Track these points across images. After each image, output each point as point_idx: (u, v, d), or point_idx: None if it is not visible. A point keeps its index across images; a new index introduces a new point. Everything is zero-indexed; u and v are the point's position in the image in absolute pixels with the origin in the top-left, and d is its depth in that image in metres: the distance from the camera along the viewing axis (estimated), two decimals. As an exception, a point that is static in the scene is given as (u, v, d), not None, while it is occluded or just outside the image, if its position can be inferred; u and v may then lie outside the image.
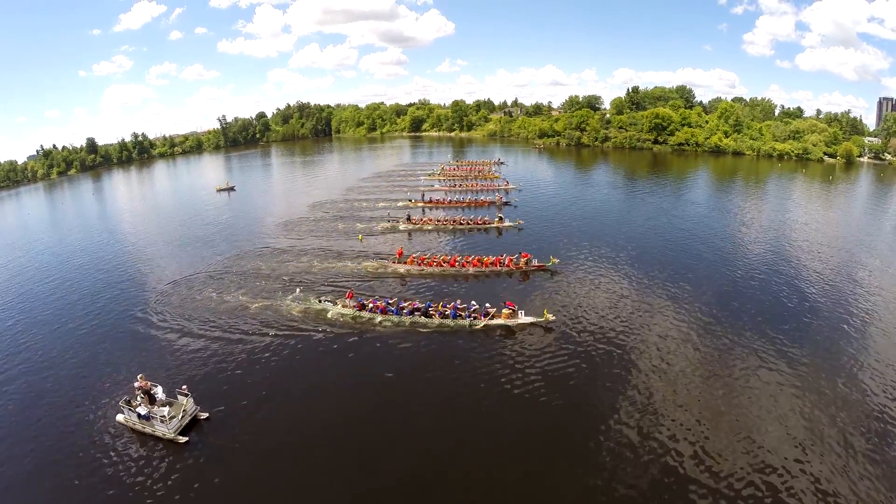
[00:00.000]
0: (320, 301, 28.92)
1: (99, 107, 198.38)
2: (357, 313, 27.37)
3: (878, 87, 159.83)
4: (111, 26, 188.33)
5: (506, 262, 33.58)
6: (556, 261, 33.87)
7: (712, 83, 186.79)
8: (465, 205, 54.59)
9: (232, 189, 75.02)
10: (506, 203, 54.20)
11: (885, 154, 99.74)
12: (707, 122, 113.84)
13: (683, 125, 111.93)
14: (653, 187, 67.35)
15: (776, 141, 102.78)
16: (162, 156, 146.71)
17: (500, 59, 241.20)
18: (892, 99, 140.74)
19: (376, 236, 43.73)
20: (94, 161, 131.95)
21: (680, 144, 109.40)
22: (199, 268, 37.37)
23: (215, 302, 30.33)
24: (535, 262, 33.61)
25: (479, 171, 75.58)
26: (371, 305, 27.65)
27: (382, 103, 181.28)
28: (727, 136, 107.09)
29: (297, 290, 30.68)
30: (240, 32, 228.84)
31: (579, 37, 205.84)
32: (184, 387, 19.85)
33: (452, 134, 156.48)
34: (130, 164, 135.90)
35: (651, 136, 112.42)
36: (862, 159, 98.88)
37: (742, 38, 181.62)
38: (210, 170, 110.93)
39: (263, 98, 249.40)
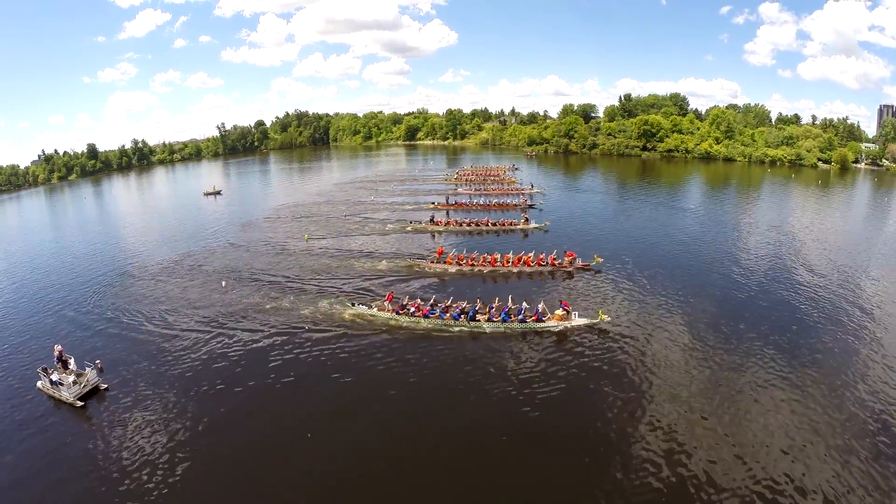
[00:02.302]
0: (353, 304, 26.49)
1: (103, 113, 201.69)
2: (395, 316, 25.09)
3: (880, 95, 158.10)
4: (116, 34, 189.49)
5: (549, 261, 32.83)
6: (601, 259, 33.05)
7: (714, 93, 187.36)
8: (490, 208, 54.81)
9: (218, 193, 76.32)
10: (531, 206, 54.76)
11: (883, 160, 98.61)
12: (698, 128, 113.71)
13: (674, 132, 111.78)
14: (647, 192, 67.59)
15: (769, 147, 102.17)
16: (161, 162, 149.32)
17: (502, 70, 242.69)
18: (892, 106, 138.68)
19: (392, 235, 43.99)
20: (94, 167, 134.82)
21: (669, 151, 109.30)
22: (155, 261, 38.44)
23: (155, 293, 31.51)
24: (579, 262, 32.80)
25: (494, 176, 76.57)
26: (413, 308, 25.40)
27: (381, 112, 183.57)
28: (718, 143, 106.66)
29: (223, 282, 31.60)
30: (244, 41, 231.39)
31: (582, 47, 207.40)
32: (97, 361, 21.20)
33: (446, 142, 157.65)
34: (130, 170, 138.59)
35: (640, 143, 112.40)
36: (859, 165, 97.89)
37: (743, 47, 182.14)
38: (205, 176, 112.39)
39: (267, 106, 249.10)
